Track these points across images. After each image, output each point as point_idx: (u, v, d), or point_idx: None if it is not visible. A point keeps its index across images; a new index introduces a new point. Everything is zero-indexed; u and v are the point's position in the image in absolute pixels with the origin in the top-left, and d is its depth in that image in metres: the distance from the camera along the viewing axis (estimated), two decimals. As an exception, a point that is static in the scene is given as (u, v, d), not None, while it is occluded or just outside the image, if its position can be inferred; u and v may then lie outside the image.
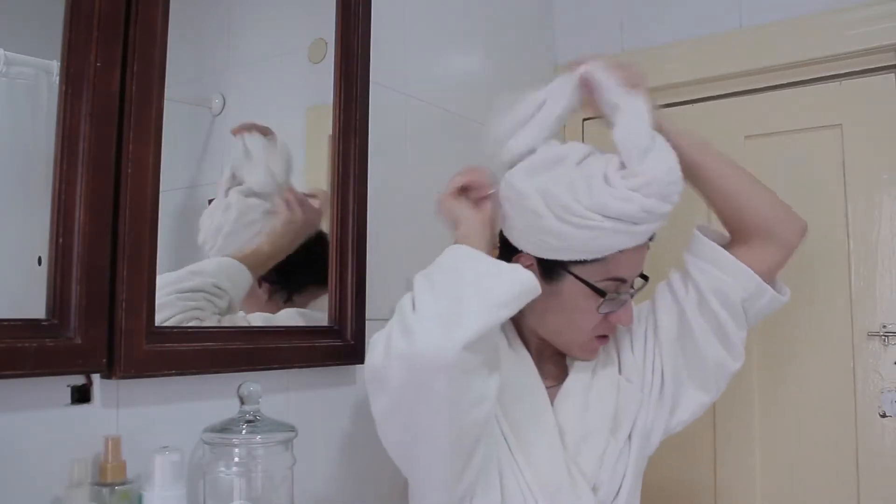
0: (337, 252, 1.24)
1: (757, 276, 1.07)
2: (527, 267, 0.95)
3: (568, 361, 1.14)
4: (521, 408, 1.06)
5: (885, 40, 1.57)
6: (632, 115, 1.00)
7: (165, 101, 0.98)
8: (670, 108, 1.86)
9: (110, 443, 0.87)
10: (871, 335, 1.57)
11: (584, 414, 1.08)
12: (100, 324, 0.89)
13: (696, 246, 1.12)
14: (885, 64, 1.60)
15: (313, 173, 1.29)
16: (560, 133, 1.99)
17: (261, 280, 1.18)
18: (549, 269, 1.04)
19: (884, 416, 1.55)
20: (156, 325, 0.96)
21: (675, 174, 0.99)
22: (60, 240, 0.86)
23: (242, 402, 1.00)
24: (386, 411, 0.90)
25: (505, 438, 1.04)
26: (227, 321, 1.12)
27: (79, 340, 0.86)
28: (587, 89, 1.04)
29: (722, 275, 1.07)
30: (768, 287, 1.09)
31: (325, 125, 1.27)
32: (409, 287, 0.94)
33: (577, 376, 1.11)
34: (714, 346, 1.09)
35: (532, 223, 1.00)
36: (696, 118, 1.83)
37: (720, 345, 1.09)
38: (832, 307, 1.62)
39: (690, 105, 1.84)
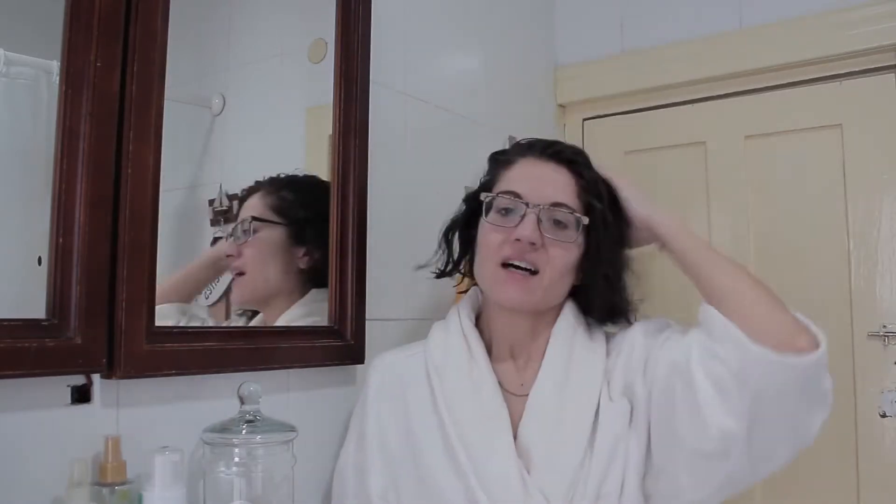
0: (337, 252, 1.24)
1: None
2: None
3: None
4: (474, 420, 1.03)
5: (885, 40, 1.57)
6: None
7: (165, 101, 0.98)
8: (670, 108, 1.87)
9: (110, 443, 0.87)
10: (871, 335, 1.57)
11: (556, 425, 1.01)
12: (100, 324, 0.89)
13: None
14: (885, 64, 1.60)
15: (313, 173, 1.29)
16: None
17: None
18: (474, 218, 1.11)
19: (884, 416, 1.55)
20: (156, 325, 0.96)
21: None
22: (60, 240, 0.86)
23: (242, 402, 1.00)
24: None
25: (461, 466, 0.99)
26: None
27: (79, 340, 0.86)
28: None
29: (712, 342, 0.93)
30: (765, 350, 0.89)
31: (325, 125, 1.27)
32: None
33: (547, 378, 1.05)
34: (684, 414, 0.93)
35: None
36: (696, 118, 1.83)
37: (689, 416, 0.93)
38: (832, 307, 1.62)
39: (690, 105, 1.84)
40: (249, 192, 1.16)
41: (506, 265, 1.03)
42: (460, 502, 0.98)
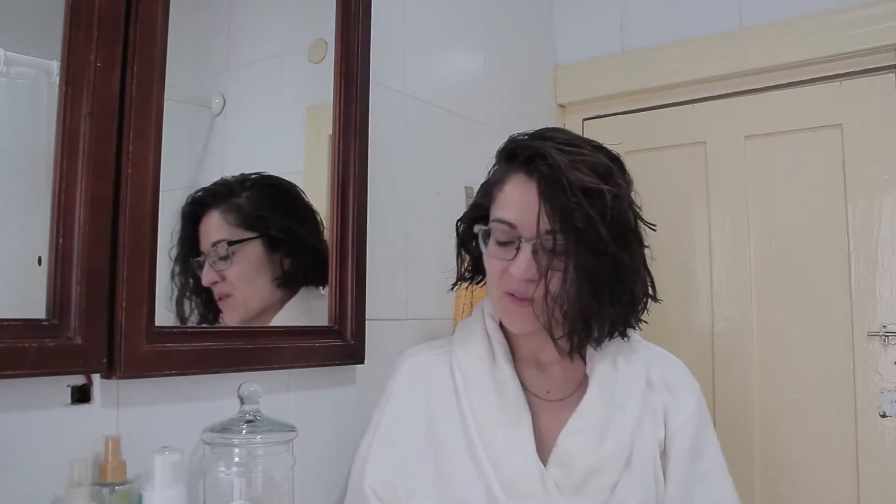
0: (337, 252, 1.24)
1: None
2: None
3: (588, 369, 1.08)
4: (497, 421, 1.02)
5: (885, 40, 1.57)
6: None
7: (165, 101, 0.98)
8: (670, 108, 1.87)
9: (110, 443, 0.87)
10: (871, 335, 1.57)
11: (599, 440, 1.00)
12: (100, 324, 0.89)
13: None
14: (885, 64, 1.60)
15: (313, 173, 1.29)
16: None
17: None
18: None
19: (884, 416, 1.55)
20: (156, 325, 0.96)
21: None
22: (60, 240, 0.86)
23: (242, 402, 1.00)
24: None
25: (482, 466, 1.00)
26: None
27: (79, 340, 0.86)
28: None
29: None
30: None
31: (325, 125, 1.27)
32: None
33: (597, 391, 1.04)
34: None
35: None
36: (696, 118, 1.83)
37: None
38: (832, 307, 1.62)
39: (690, 105, 1.84)
40: (197, 212, 1.11)
41: (509, 293, 1.02)
42: (480, 502, 0.98)
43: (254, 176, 1.17)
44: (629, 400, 1.04)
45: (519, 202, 1.00)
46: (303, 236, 1.23)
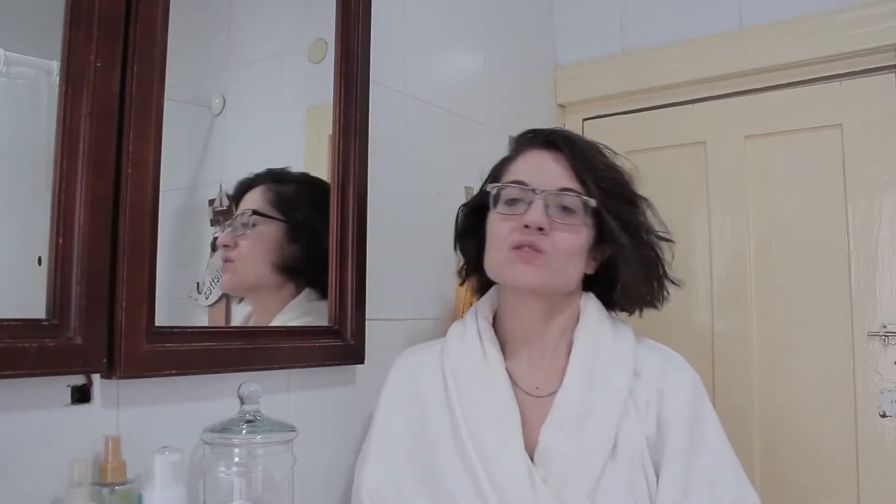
0: (337, 252, 1.24)
1: None
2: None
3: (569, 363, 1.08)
4: (486, 420, 1.03)
5: (885, 40, 1.57)
6: None
7: (165, 100, 0.98)
8: (670, 108, 1.87)
9: (110, 443, 0.87)
10: (871, 335, 1.57)
11: (579, 433, 1.00)
12: (100, 324, 0.89)
13: None
14: (885, 64, 1.60)
15: (313, 173, 1.29)
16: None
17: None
18: (481, 216, 1.12)
19: (884, 416, 1.55)
20: (156, 325, 0.96)
21: None
22: (60, 240, 0.86)
23: (242, 402, 1.00)
24: None
25: (472, 464, 1.00)
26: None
27: (79, 340, 0.86)
28: None
29: None
30: None
31: (325, 125, 1.27)
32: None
33: (573, 385, 1.04)
34: None
35: None
36: (696, 118, 1.83)
37: None
38: (832, 307, 1.62)
39: (690, 105, 1.84)
40: (248, 185, 1.17)
41: (516, 248, 1.03)
42: (470, 501, 0.99)
43: (312, 177, 1.27)
44: (612, 390, 1.03)
45: (532, 166, 1.08)
46: (321, 238, 1.24)
